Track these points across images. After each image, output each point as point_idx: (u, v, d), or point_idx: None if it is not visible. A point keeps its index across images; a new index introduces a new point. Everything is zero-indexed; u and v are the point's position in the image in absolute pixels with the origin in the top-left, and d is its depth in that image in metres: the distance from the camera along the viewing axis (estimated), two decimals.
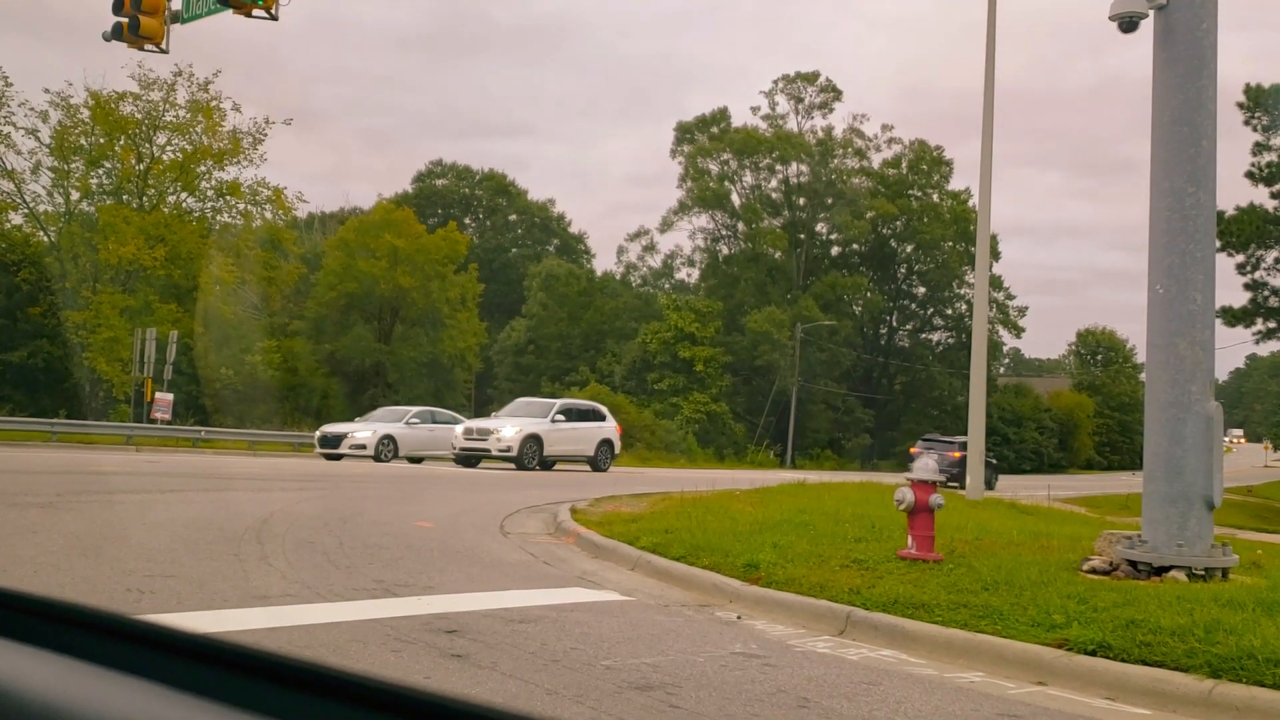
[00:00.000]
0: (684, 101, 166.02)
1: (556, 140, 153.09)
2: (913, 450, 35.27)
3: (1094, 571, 7.85)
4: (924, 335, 71.37)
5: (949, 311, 70.19)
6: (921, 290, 68.22)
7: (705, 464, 50.33)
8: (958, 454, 27.37)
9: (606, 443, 26.43)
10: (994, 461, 44.69)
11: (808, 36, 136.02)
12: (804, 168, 63.73)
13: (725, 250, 65.63)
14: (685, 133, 65.40)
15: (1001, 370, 74.21)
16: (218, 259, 36.89)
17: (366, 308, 45.62)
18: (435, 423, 28.06)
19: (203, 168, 37.45)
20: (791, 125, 65.01)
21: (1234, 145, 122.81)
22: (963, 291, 68.92)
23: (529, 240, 74.71)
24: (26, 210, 37.56)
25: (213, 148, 37.10)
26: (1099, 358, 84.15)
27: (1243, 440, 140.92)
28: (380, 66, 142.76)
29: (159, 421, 29.92)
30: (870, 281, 64.06)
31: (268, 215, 38.97)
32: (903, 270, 67.58)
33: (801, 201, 64.24)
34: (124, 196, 37.37)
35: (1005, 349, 74.69)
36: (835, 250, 66.35)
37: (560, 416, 25.71)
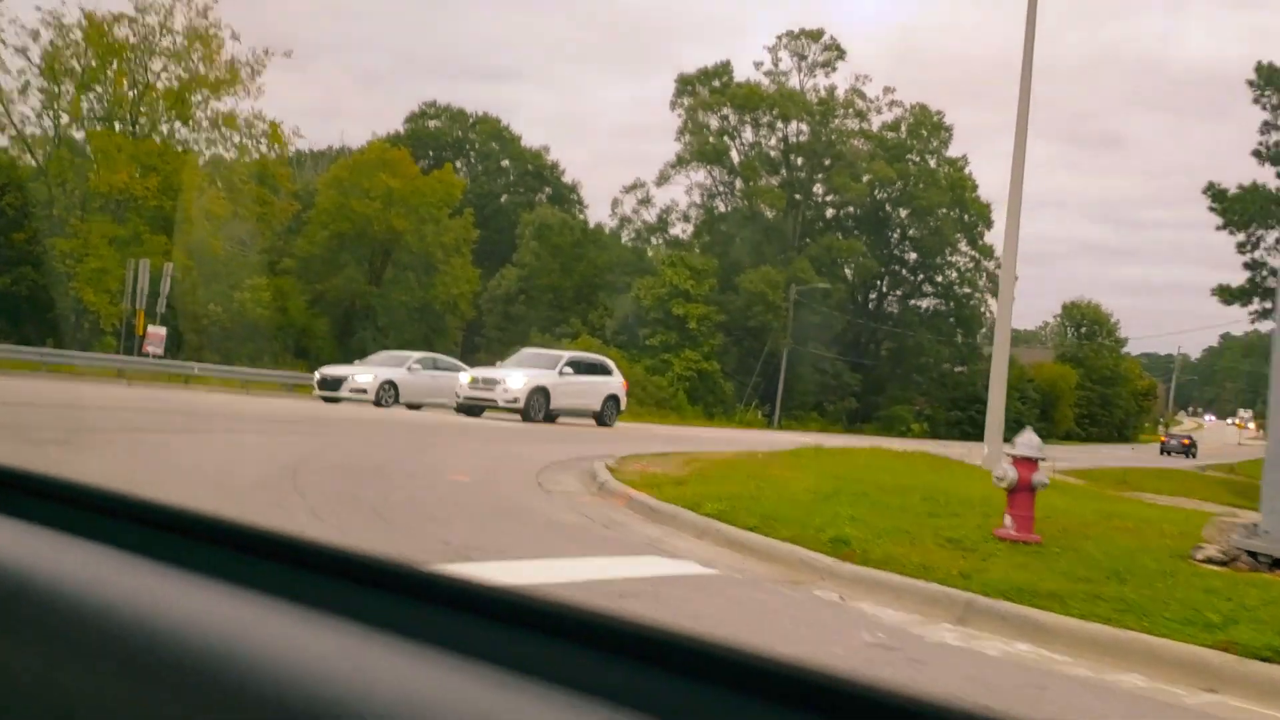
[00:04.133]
0: (679, 53, 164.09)
1: (545, 87, 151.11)
2: None
3: (1210, 561, 7.43)
4: (913, 301, 71.03)
5: (939, 279, 69.83)
6: (913, 256, 67.76)
7: (696, 421, 50.00)
8: None
9: (613, 398, 25.89)
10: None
11: None
12: (804, 127, 62.90)
13: (721, 207, 64.91)
14: (686, 85, 64.35)
15: (978, 339, 73.85)
16: (209, 192, 35.87)
17: (358, 248, 44.68)
18: (437, 369, 27.43)
19: (198, 97, 36.30)
20: (794, 83, 64.13)
21: (1241, 123, 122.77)
22: (955, 259, 68.64)
23: (521, 188, 73.55)
24: (14, 132, 36.37)
25: (209, 77, 35.95)
26: (1083, 330, 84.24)
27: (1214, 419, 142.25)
28: (368, 2, 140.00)
29: (150, 356, 29.07)
30: (864, 245, 63.53)
31: (263, 149, 37.94)
32: (895, 235, 67.06)
33: (799, 161, 63.48)
34: (115, 123, 36.20)
35: (988, 318, 74.33)
36: (830, 212, 65.75)
37: (568, 369, 25.12)
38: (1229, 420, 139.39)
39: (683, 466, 14.85)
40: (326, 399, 25.76)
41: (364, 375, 25.72)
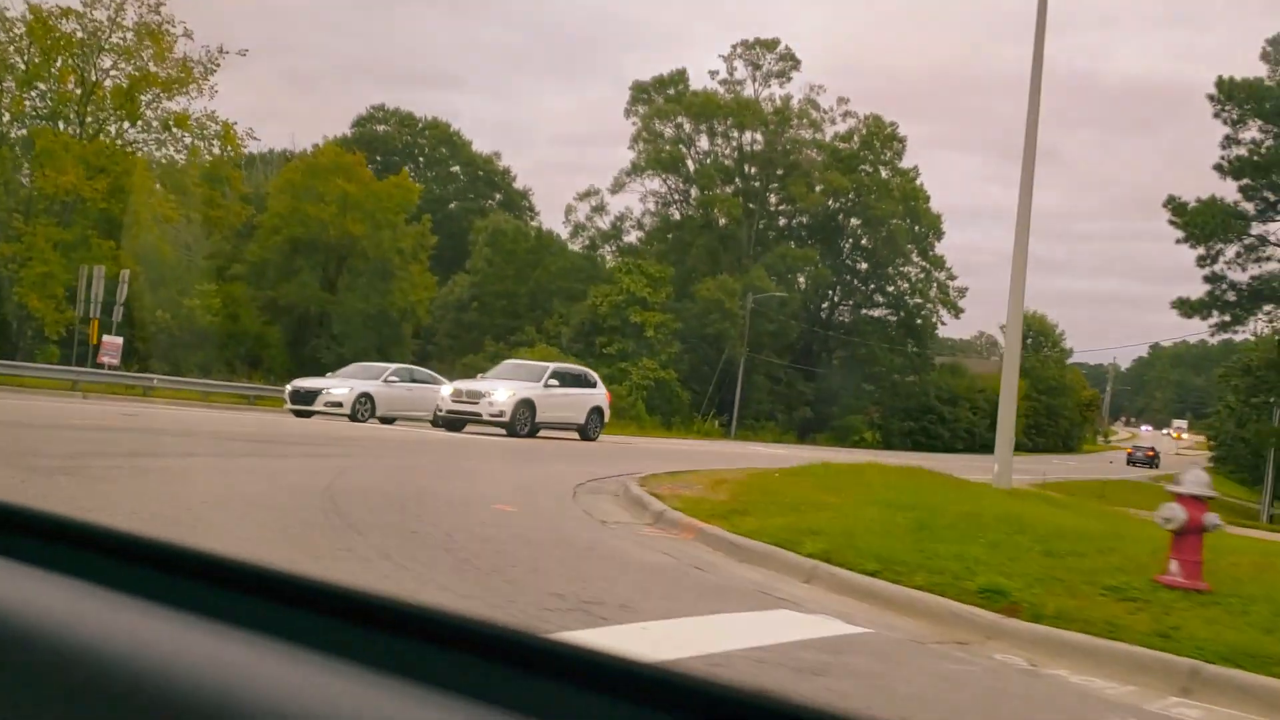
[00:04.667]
0: (619, 62, 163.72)
1: (486, 94, 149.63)
2: None
3: None
4: (865, 311, 71.03)
5: (890, 288, 69.94)
6: (864, 266, 67.78)
7: (655, 432, 49.26)
8: None
9: (597, 410, 25.05)
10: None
11: (751, 5, 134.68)
12: (759, 136, 62.59)
13: (676, 215, 64.33)
14: (641, 92, 63.70)
15: (928, 349, 74.03)
16: (159, 194, 34.23)
17: (312, 254, 43.16)
18: (414, 381, 26.29)
19: (148, 96, 34.59)
20: (749, 92, 63.79)
21: (1204, 137, 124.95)
22: (906, 269, 68.72)
23: (472, 194, 72.32)
24: None
25: (160, 75, 34.28)
26: (1029, 341, 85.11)
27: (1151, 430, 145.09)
28: (300, 4, 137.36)
29: (106, 367, 27.45)
30: (817, 254, 63.33)
31: (215, 151, 36.32)
32: (848, 245, 67.05)
33: (754, 170, 63.14)
34: (60, 122, 34.41)
35: (940, 328, 74.66)
36: (783, 221, 65.51)
37: (554, 381, 24.24)
38: (1164, 430, 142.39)
39: (715, 488, 14.04)
40: (299, 413, 24.50)
41: (339, 388, 24.50)
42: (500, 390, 23.08)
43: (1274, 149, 36.81)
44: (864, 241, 66.48)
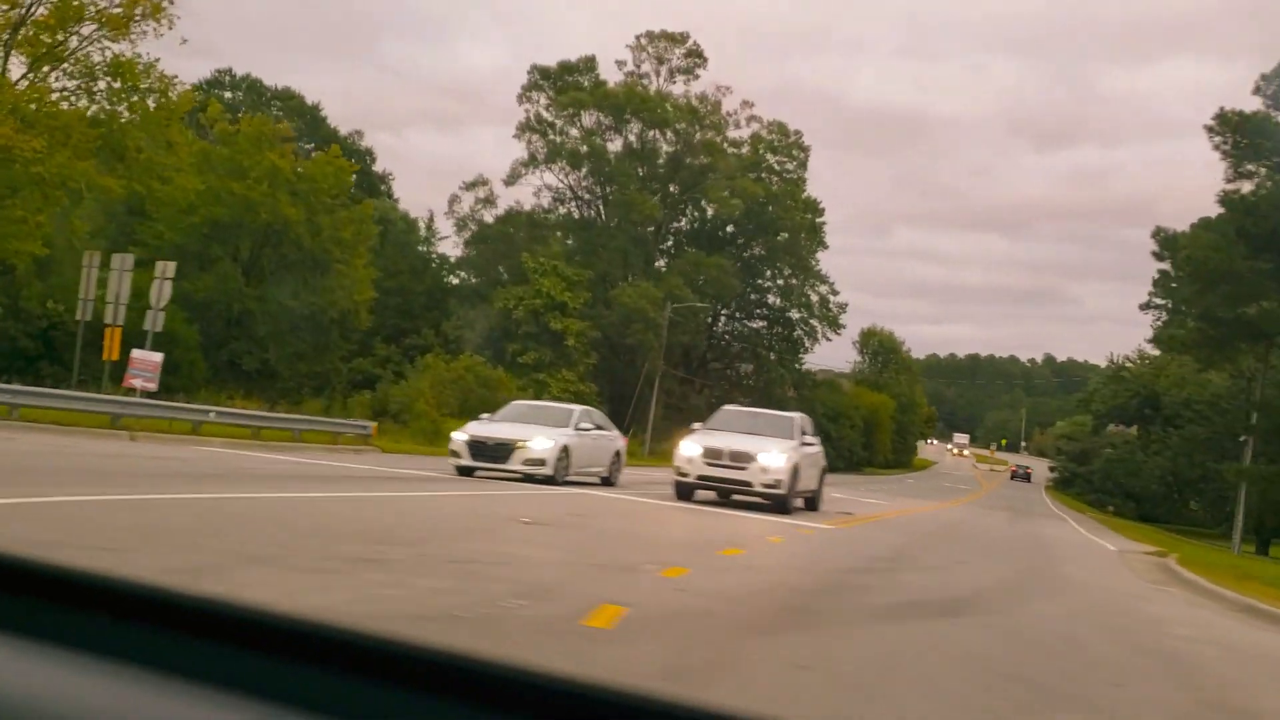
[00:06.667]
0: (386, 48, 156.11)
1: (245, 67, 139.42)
2: None
3: None
4: (746, 322, 69.31)
5: (773, 300, 68.36)
6: (759, 277, 65.67)
7: None
8: None
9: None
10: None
11: None
12: (670, 134, 59.56)
13: (577, 213, 60.40)
14: (545, 79, 59.34)
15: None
16: (92, 161, 27.50)
17: (231, 241, 36.61)
18: (598, 428, 20.91)
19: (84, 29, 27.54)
20: (654, 88, 60.62)
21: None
22: (793, 282, 67.08)
23: None
24: None
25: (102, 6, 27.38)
26: (880, 359, 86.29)
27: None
28: None
29: (139, 392, 20.87)
30: (724, 262, 60.76)
31: (150, 106, 29.60)
32: (750, 253, 64.89)
33: (665, 171, 60.08)
34: None
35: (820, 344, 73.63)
36: (688, 226, 62.80)
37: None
38: (949, 446, 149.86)
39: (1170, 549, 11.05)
40: (470, 472, 18.44)
41: (540, 440, 18.60)
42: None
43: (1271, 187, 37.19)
44: (758, 250, 64.49)
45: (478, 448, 18.41)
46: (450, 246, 65.48)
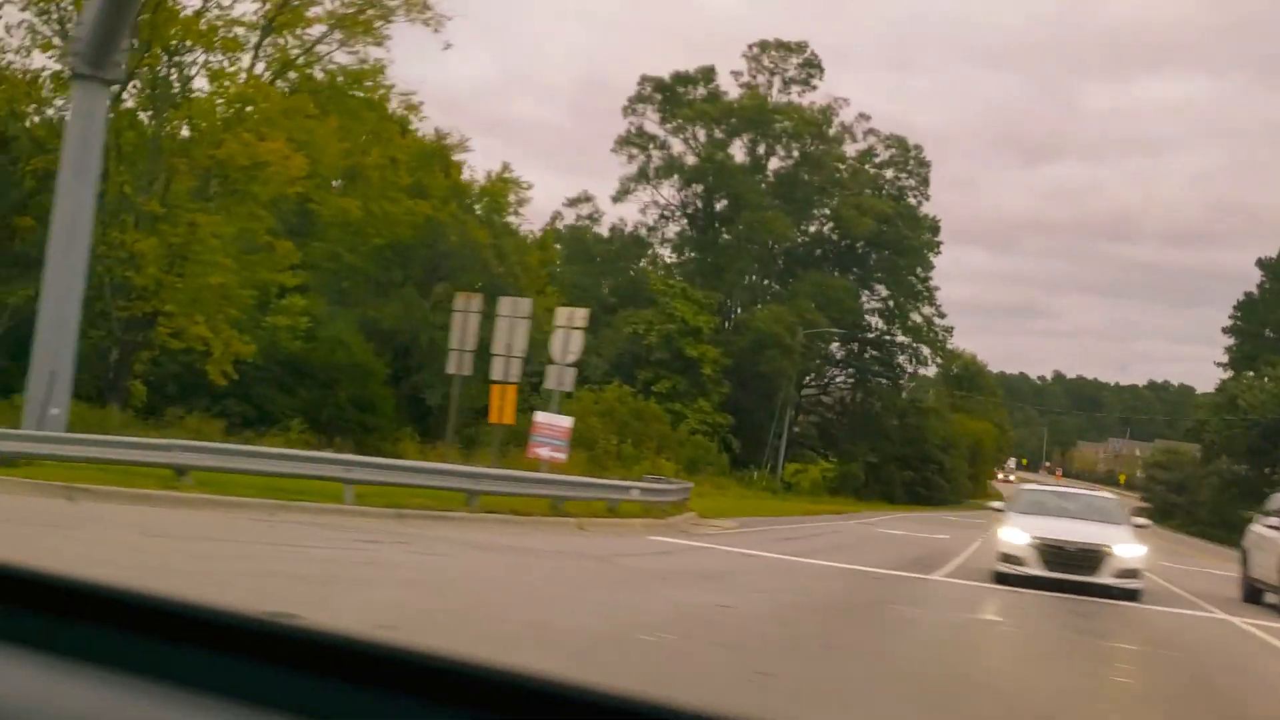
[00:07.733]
0: None
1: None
2: None
3: None
4: (850, 345, 65.96)
5: (877, 324, 65.16)
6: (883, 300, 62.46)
7: (738, 491, 41.81)
8: None
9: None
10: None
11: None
12: (787, 147, 56.37)
13: (691, 231, 57.08)
14: (661, 90, 55.93)
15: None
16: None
17: (416, 265, 33.00)
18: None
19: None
20: (773, 100, 57.43)
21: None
22: (903, 302, 63.95)
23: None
24: None
25: None
26: (965, 383, 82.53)
27: None
28: None
29: (546, 465, 17.09)
30: (846, 284, 57.60)
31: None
32: (867, 273, 61.44)
33: (781, 185, 56.84)
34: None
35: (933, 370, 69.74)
36: (814, 246, 59.19)
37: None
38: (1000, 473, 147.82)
39: None
40: (1033, 583, 14.21)
41: (1132, 546, 14.44)
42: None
43: None
44: (876, 269, 61.14)
45: (1054, 554, 14.70)
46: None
